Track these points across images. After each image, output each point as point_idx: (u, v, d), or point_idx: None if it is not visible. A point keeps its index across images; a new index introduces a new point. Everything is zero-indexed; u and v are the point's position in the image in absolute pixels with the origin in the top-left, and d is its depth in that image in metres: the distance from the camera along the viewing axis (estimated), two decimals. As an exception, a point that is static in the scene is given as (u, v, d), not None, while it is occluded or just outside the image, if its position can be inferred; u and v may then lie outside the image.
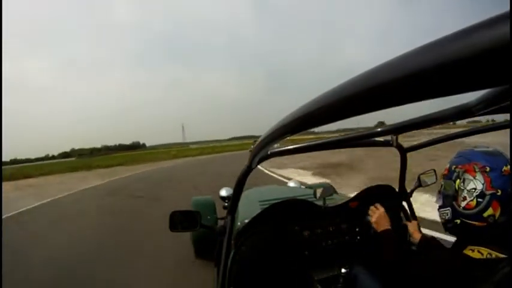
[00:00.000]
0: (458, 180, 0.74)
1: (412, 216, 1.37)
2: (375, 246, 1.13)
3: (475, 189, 0.71)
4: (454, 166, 0.77)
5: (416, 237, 1.15)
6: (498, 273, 0.62)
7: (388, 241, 1.04)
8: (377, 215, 1.14)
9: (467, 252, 0.70)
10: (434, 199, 0.85)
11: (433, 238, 1.08)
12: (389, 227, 1.09)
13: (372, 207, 1.19)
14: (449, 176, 0.78)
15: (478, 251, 0.68)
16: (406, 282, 0.85)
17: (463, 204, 0.73)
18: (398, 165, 1.35)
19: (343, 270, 1.20)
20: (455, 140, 1.05)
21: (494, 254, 0.66)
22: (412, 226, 1.21)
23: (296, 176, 7.62)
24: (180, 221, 1.28)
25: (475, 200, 0.71)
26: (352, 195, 1.43)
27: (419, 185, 1.43)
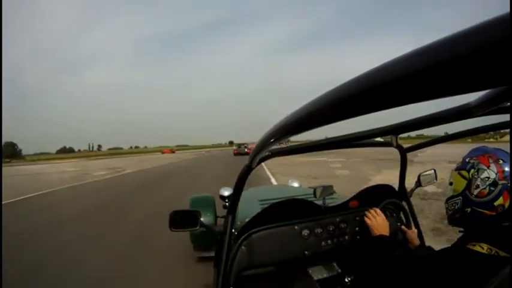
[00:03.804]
0: (472, 170, 0.77)
1: (412, 216, 1.37)
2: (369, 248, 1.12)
3: (488, 178, 0.74)
4: (469, 158, 0.80)
5: (415, 244, 1.15)
6: (498, 273, 0.62)
7: (380, 247, 1.02)
8: (377, 220, 1.13)
9: (469, 246, 0.72)
10: None
11: (430, 247, 1.08)
12: (387, 234, 1.08)
13: (371, 211, 1.18)
14: (462, 166, 0.80)
15: (480, 246, 0.71)
16: (406, 280, 0.85)
17: (476, 192, 0.75)
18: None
19: (340, 271, 1.20)
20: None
21: (494, 250, 0.69)
22: (411, 234, 1.21)
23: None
24: (180, 220, 1.28)
25: (487, 188, 0.74)
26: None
27: (420, 184, 1.43)
